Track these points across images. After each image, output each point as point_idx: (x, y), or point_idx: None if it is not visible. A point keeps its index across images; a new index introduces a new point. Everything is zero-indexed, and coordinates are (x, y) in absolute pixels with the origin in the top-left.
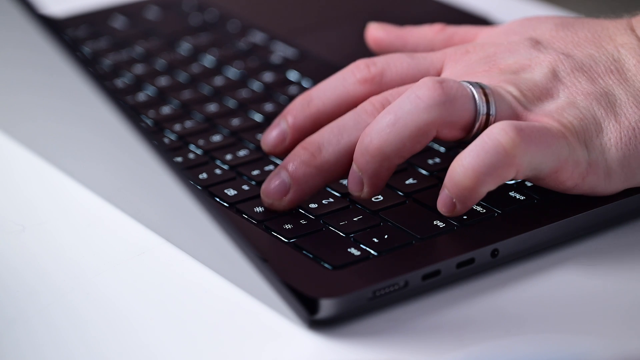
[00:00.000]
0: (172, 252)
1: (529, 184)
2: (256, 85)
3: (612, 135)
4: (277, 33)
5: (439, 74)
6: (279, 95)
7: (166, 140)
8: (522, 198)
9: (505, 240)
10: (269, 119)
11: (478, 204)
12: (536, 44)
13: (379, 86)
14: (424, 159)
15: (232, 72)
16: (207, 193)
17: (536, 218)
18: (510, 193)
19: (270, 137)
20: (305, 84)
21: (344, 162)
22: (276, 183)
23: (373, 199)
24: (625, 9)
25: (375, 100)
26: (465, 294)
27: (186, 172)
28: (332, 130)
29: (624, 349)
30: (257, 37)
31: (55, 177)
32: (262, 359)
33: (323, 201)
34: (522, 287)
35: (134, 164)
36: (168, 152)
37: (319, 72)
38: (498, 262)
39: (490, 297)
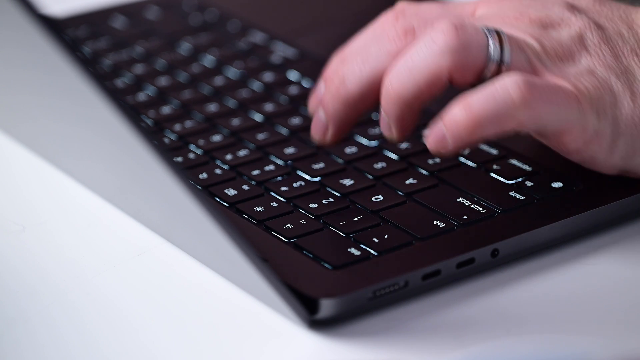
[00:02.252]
0: (172, 252)
1: (529, 183)
2: (256, 85)
3: (626, 112)
4: (277, 33)
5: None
6: (279, 95)
7: (166, 140)
8: (522, 198)
9: (505, 240)
10: (269, 119)
11: (478, 204)
12: (572, 7)
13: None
14: (424, 159)
15: (232, 72)
16: (207, 193)
17: (536, 218)
18: (510, 193)
19: (313, 99)
20: (305, 84)
21: (369, 94)
22: (315, 122)
23: (373, 199)
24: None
25: (398, 25)
26: (465, 294)
27: (186, 172)
28: (356, 60)
29: (624, 349)
30: (257, 37)
31: (55, 177)
32: (262, 359)
33: (323, 201)
34: (522, 287)
35: (134, 164)
36: (168, 152)
37: (319, 72)
38: (498, 262)
39: (490, 297)
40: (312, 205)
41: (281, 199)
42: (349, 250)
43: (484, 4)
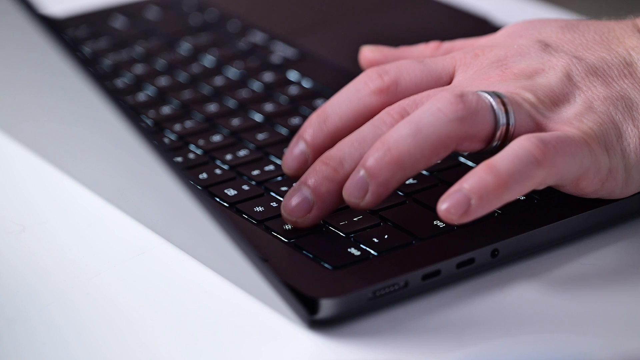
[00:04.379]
0: (172, 252)
1: None
2: (256, 85)
3: (632, 141)
4: (277, 33)
5: (451, 79)
6: (279, 95)
7: (166, 140)
8: (522, 198)
9: (505, 240)
10: (269, 119)
11: None
12: (546, 46)
13: (394, 95)
14: None
15: (232, 72)
16: (207, 193)
17: (536, 218)
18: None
19: (291, 159)
20: (305, 84)
21: None
22: (298, 200)
23: None
24: (628, 10)
25: (392, 111)
26: (465, 294)
27: (186, 172)
28: (352, 144)
29: (624, 349)
30: (257, 37)
31: (55, 177)
32: (262, 359)
33: None
34: (522, 287)
35: (134, 164)
36: (168, 152)
37: (319, 72)
38: (498, 262)
39: (490, 297)
40: None
41: (281, 199)
42: (349, 250)
43: (462, 64)
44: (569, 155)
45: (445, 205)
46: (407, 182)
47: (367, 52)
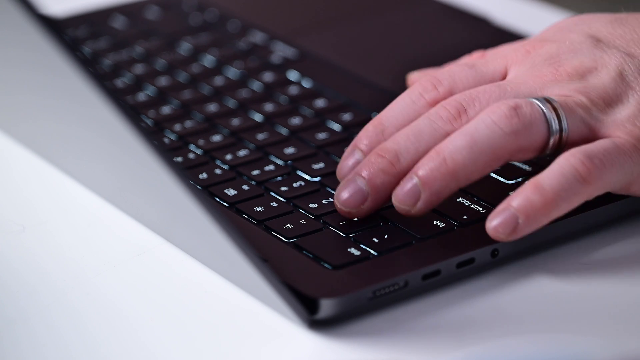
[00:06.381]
0: (172, 252)
1: None
2: (256, 85)
3: None
4: (277, 33)
5: (503, 79)
6: (279, 95)
7: (166, 140)
8: None
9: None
10: (269, 119)
11: (478, 204)
12: (597, 42)
13: None
14: None
15: (232, 72)
16: (207, 193)
17: None
18: (510, 193)
19: (347, 169)
20: (305, 84)
21: None
22: (353, 191)
23: None
24: (631, 10)
25: (449, 105)
26: (465, 294)
27: (186, 172)
28: (409, 138)
29: (624, 349)
30: (257, 37)
31: (55, 177)
32: (262, 359)
33: (323, 201)
34: (522, 287)
35: (134, 164)
36: (168, 152)
37: (319, 72)
38: (498, 262)
39: (490, 297)
40: (312, 205)
41: (281, 199)
42: (349, 250)
43: (514, 62)
44: (616, 167)
45: (494, 223)
46: None
47: (415, 78)
